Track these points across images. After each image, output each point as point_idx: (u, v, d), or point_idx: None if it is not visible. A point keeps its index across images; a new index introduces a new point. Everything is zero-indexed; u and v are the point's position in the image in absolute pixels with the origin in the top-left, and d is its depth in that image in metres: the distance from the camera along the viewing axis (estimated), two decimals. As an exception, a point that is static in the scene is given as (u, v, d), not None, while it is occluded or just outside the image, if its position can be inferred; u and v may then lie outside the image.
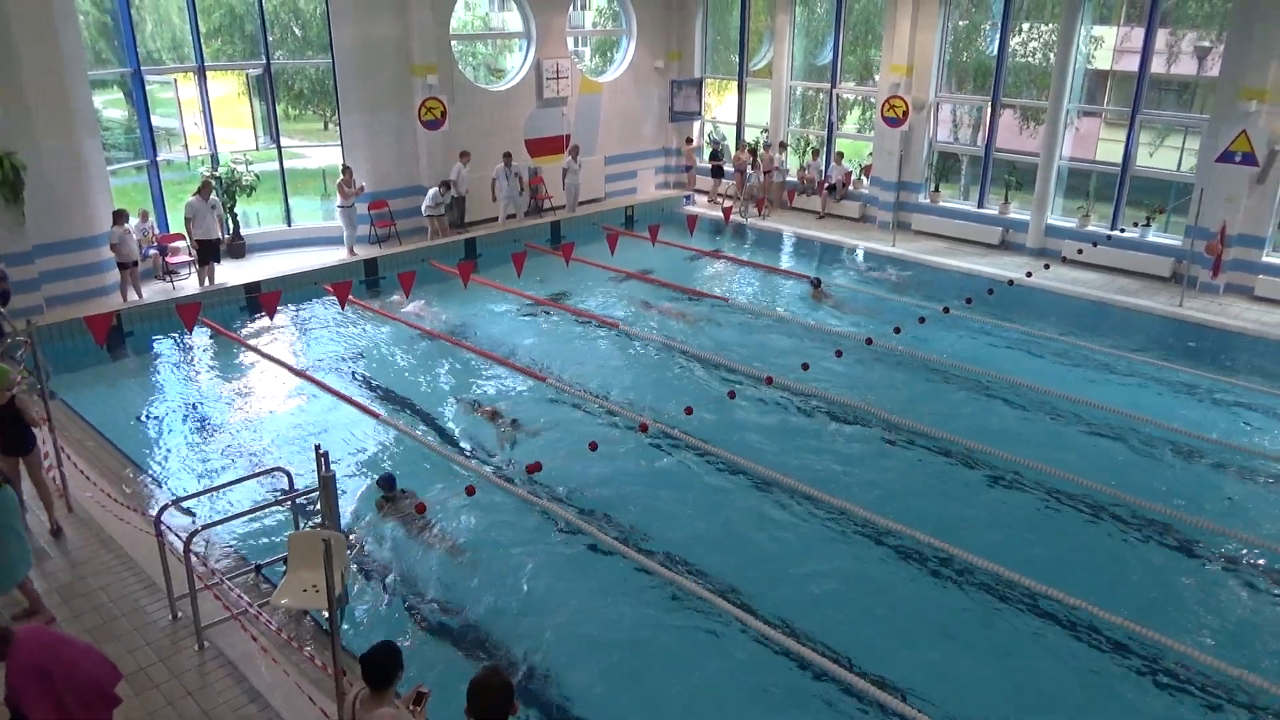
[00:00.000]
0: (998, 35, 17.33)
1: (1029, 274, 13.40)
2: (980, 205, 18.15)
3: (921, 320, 12.55)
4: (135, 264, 13.98)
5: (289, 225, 17.31)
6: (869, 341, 12.01)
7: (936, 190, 18.71)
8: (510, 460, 9.97)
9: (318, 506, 7.16)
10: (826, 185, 19.77)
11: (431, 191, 17.33)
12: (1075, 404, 11.25)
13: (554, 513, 8.93)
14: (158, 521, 7.24)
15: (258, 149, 16.99)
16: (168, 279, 14.93)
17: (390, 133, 17.35)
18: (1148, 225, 15.99)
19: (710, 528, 8.81)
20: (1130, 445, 10.40)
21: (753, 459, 9.91)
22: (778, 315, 14.33)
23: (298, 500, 8.02)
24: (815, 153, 20.41)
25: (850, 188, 19.85)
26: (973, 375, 12.14)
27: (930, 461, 10.05)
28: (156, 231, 15.16)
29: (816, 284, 15.29)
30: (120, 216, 13.73)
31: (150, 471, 9.67)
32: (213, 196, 14.61)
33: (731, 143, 21.84)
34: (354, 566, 8.02)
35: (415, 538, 8.52)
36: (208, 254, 14.58)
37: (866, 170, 19.82)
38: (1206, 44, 15.64)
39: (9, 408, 8.15)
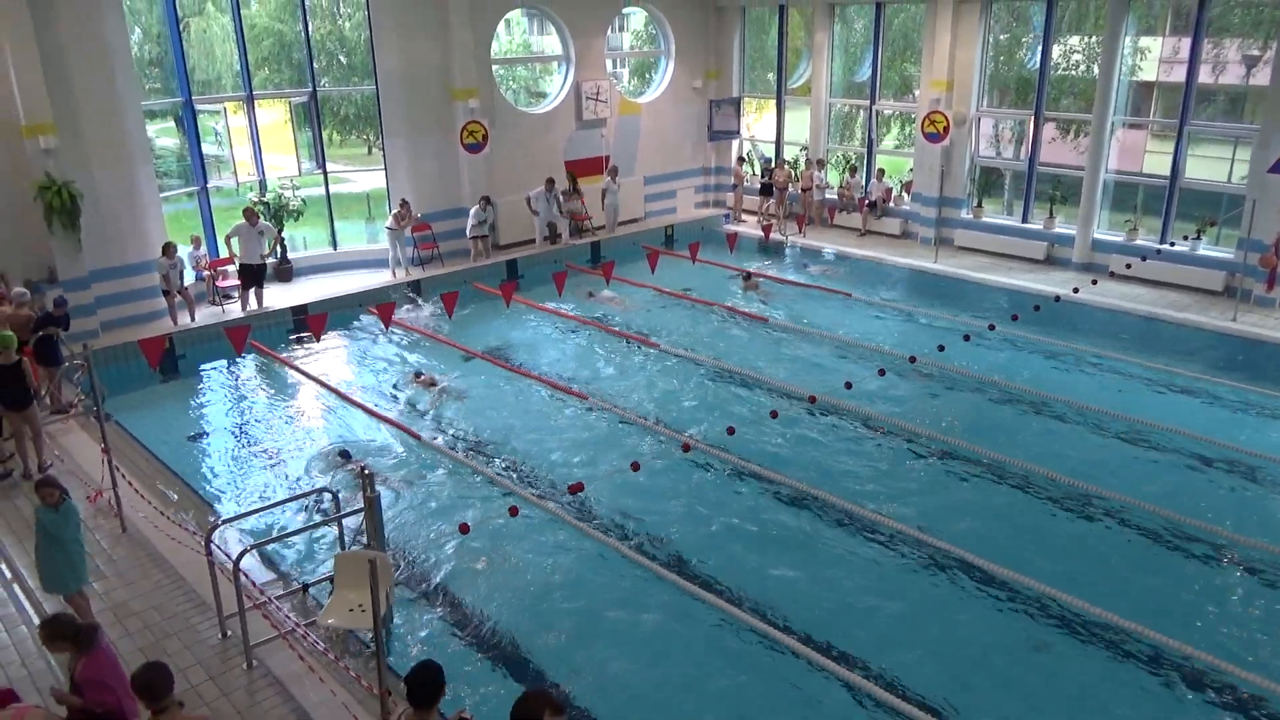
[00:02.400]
0: (1039, 48, 17.15)
1: (1076, 290, 13.17)
2: (1024, 220, 17.91)
3: (966, 338, 12.41)
4: (181, 292, 14.32)
5: (334, 249, 17.61)
6: (912, 360, 11.89)
7: (979, 205, 18.50)
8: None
9: (363, 527, 7.23)
10: (867, 202, 19.66)
11: (473, 210, 17.51)
12: (1128, 422, 11.01)
13: (592, 535, 8.92)
14: (208, 541, 7.37)
15: (300, 174, 17.33)
16: (219, 303, 15.25)
17: (432, 156, 17.61)
18: (1198, 238, 15.65)
19: (755, 550, 8.74)
20: (1183, 464, 10.14)
21: (798, 479, 9.83)
22: (818, 334, 14.24)
23: (344, 521, 8.10)
24: (854, 170, 20.30)
25: (891, 204, 19.71)
26: (1020, 393, 11.95)
27: (979, 482, 9.89)
28: (208, 257, 15.51)
29: (748, 276, 15.85)
30: (169, 249, 14.08)
31: (201, 492, 9.85)
32: (261, 222, 14.90)
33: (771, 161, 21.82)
34: (397, 586, 8.08)
35: (457, 558, 8.56)
36: (249, 278, 14.85)
37: (907, 186, 19.67)
38: (1255, 52, 15.33)
39: (14, 368, 9.67)
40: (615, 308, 15.00)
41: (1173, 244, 15.86)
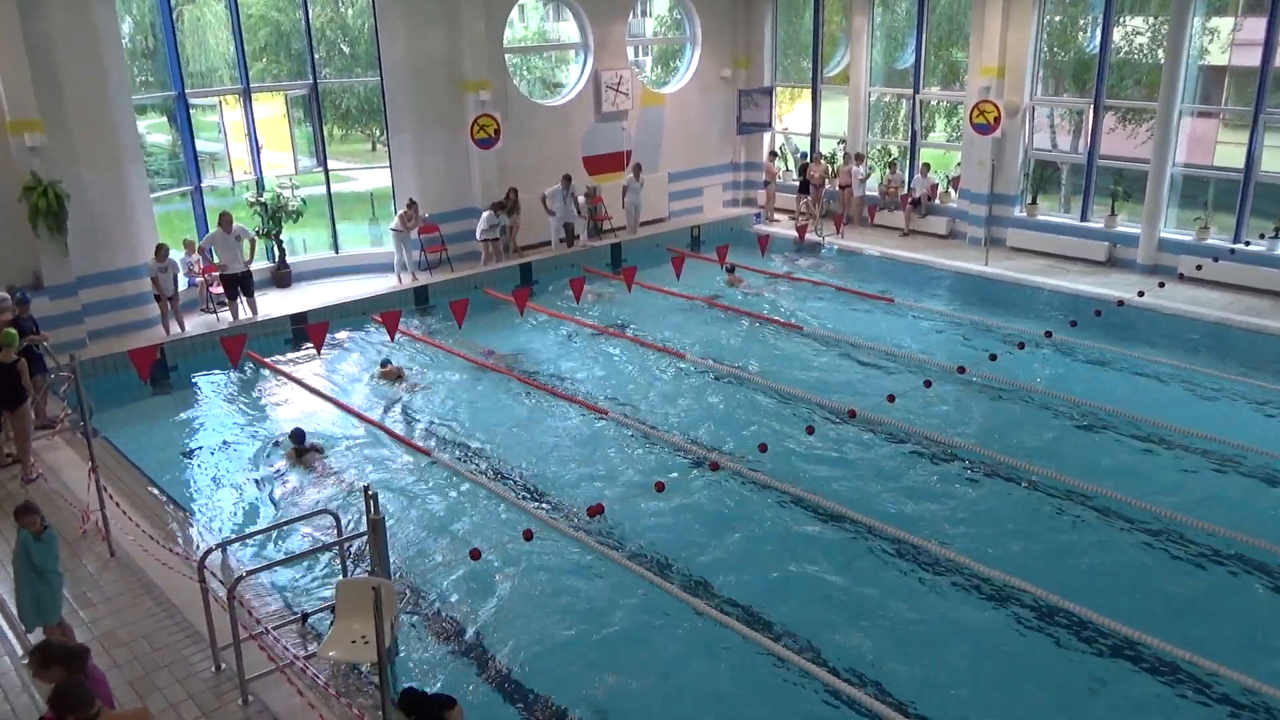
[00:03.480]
0: (1099, 30, 17.04)
1: (1141, 293, 13.04)
2: (1084, 218, 17.76)
3: (1020, 346, 12.31)
4: (173, 298, 14.45)
5: (336, 252, 17.76)
6: (961, 370, 11.82)
7: (1034, 202, 18.38)
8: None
9: (366, 552, 7.26)
10: (910, 200, 19.58)
11: (485, 215, 17.62)
12: (1199, 438, 10.87)
13: (614, 561, 8.91)
14: (201, 566, 7.41)
15: (296, 172, 17.47)
16: (213, 311, 15.39)
17: (441, 152, 17.73)
18: (1275, 237, 15.45)
19: (789, 578, 8.70)
20: (1266, 484, 9.99)
21: (835, 499, 9.78)
22: (858, 343, 14.19)
23: (346, 545, 8.14)
24: (897, 165, 20.24)
25: (937, 201, 19.62)
26: (1078, 407, 11.83)
27: (1034, 503, 9.80)
28: (201, 262, 15.63)
29: (731, 269, 16.43)
30: (161, 251, 14.22)
31: (194, 513, 9.94)
32: (237, 226, 14.94)
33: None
34: (404, 616, 8.11)
35: (468, 585, 8.58)
36: (234, 288, 14.95)
37: (955, 182, 19.58)
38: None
39: (10, 367, 10.07)
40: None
41: (1247, 243, 15.67)
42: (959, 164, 19.51)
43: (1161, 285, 13.84)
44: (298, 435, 11.19)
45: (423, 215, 17.12)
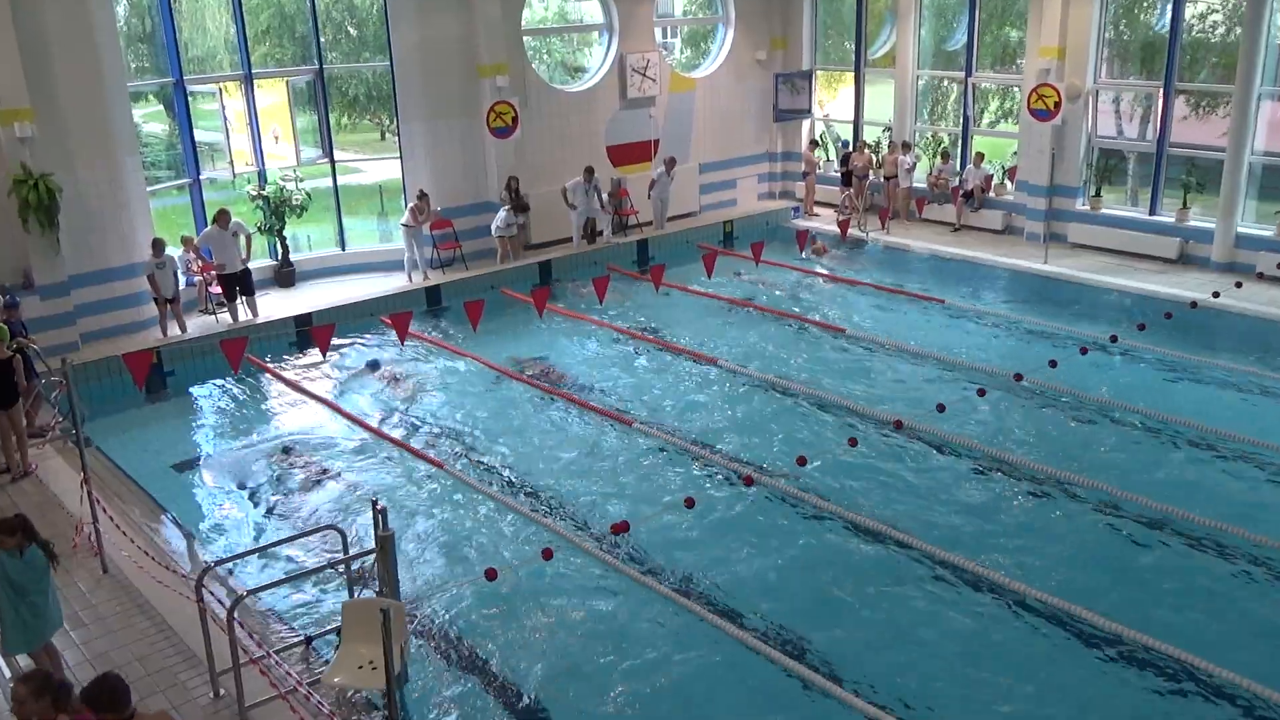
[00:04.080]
0: (1169, 7, 16.88)
1: (1216, 294, 12.89)
2: (1152, 212, 17.60)
3: (1083, 351, 12.20)
4: (173, 300, 14.60)
5: (342, 249, 17.92)
6: (1018, 378, 11.73)
7: (1098, 195, 18.23)
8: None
9: (375, 570, 7.31)
10: (962, 192, 19.48)
11: (502, 214, 17.69)
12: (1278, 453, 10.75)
13: (641, 582, 8.91)
14: (199, 585, 7.49)
15: (299, 164, 17.64)
16: (212, 312, 15.55)
17: (455, 142, 17.85)
18: (1367, 232, 15.24)
19: (829, 603, 8.67)
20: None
21: (880, 518, 9.74)
22: (905, 347, 14.13)
23: (353, 563, 8.19)
24: (948, 154, 20.15)
25: (991, 194, 19.51)
26: (1147, 418, 11.72)
27: (1100, 524, 9.71)
28: (200, 260, 15.79)
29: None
30: (159, 246, 14.37)
31: (192, 528, 10.05)
32: (234, 222, 15.09)
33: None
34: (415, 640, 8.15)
35: (483, 607, 8.61)
36: (232, 288, 15.08)
37: (1011, 173, 19.46)
38: None
39: (6, 364, 10.59)
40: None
41: (1335, 239, 15.46)
42: (1015, 153, 19.38)
43: (1239, 285, 13.67)
44: (287, 450, 11.75)
45: (435, 209, 17.22)
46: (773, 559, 9.27)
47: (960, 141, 20.10)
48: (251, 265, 15.45)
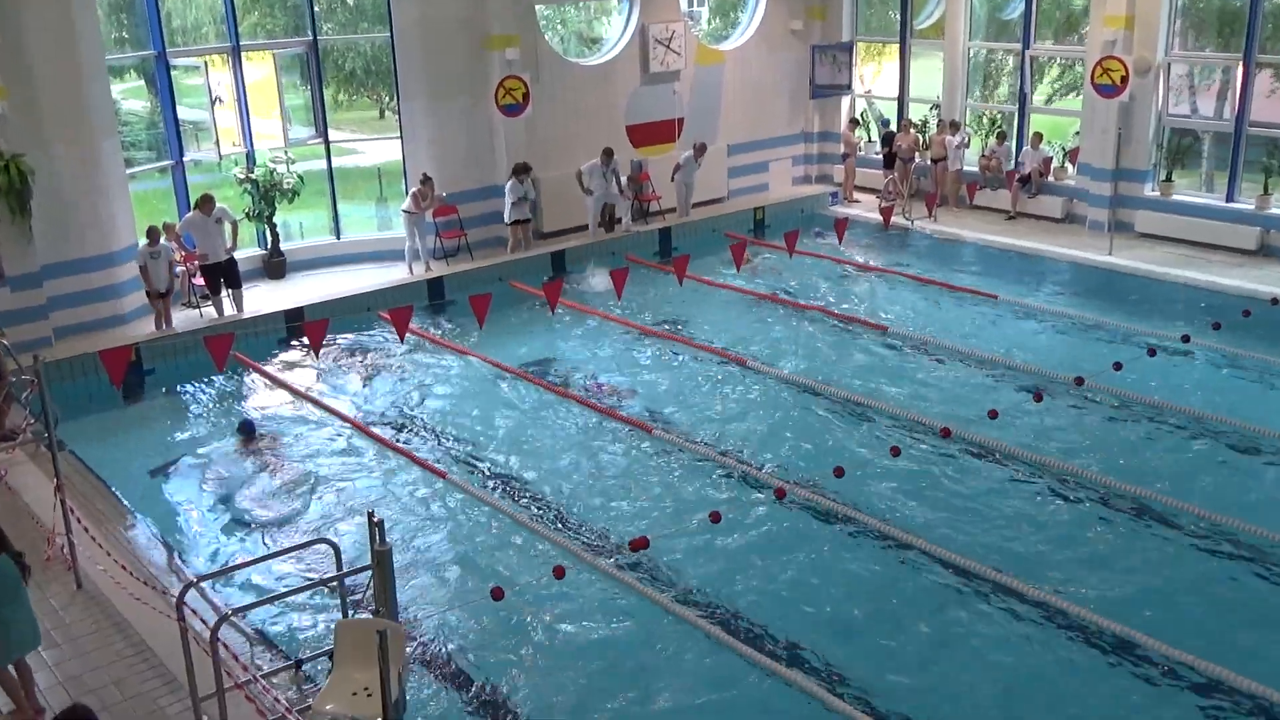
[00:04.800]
0: (1250, -27, 16.76)
1: (1300, 290, 12.82)
2: (1230, 199, 17.47)
3: (1151, 352, 12.14)
4: (166, 293, 14.72)
5: (337, 238, 18.01)
6: (1079, 381, 11.67)
7: (1168, 180, 18.11)
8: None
9: (371, 588, 7.35)
10: (1018, 176, 19.39)
11: (509, 185, 17.59)
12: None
13: (660, 604, 8.93)
14: (180, 603, 7.55)
15: (286, 145, 17.73)
16: (196, 305, 15.67)
17: (460, 121, 17.90)
18: None
19: (869, 628, 8.67)
20: None
21: (925, 535, 9.72)
22: (954, 348, 14.09)
23: (347, 580, 8.24)
24: (1002, 134, 20.06)
25: (1050, 179, 19.41)
26: (1222, 427, 11.64)
27: (1171, 544, 9.66)
28: (182, 250, 15.90)
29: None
30: (154, 234, 14.47)
31: (173, 541, 10.13)
32: (219, 208, 15.12)
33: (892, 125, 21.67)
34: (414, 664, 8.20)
35: (489, 629, 8.65)
36: (217, 279, 15.16)
37: (1072, 155, 19.36)
38: None
39: None
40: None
41: None
42: (1077, 133, 19.28)
43: (1326, 279, 13.59)
44: (248, 427, 12.24)
45: (439, 194, 17.28)
46: (806, 580, 9.26)
47: (1016, 120, 20.00)
48: (238, 255, 15.54)
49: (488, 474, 11.38)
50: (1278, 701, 7.53)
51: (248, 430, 12.26)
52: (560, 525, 10.27)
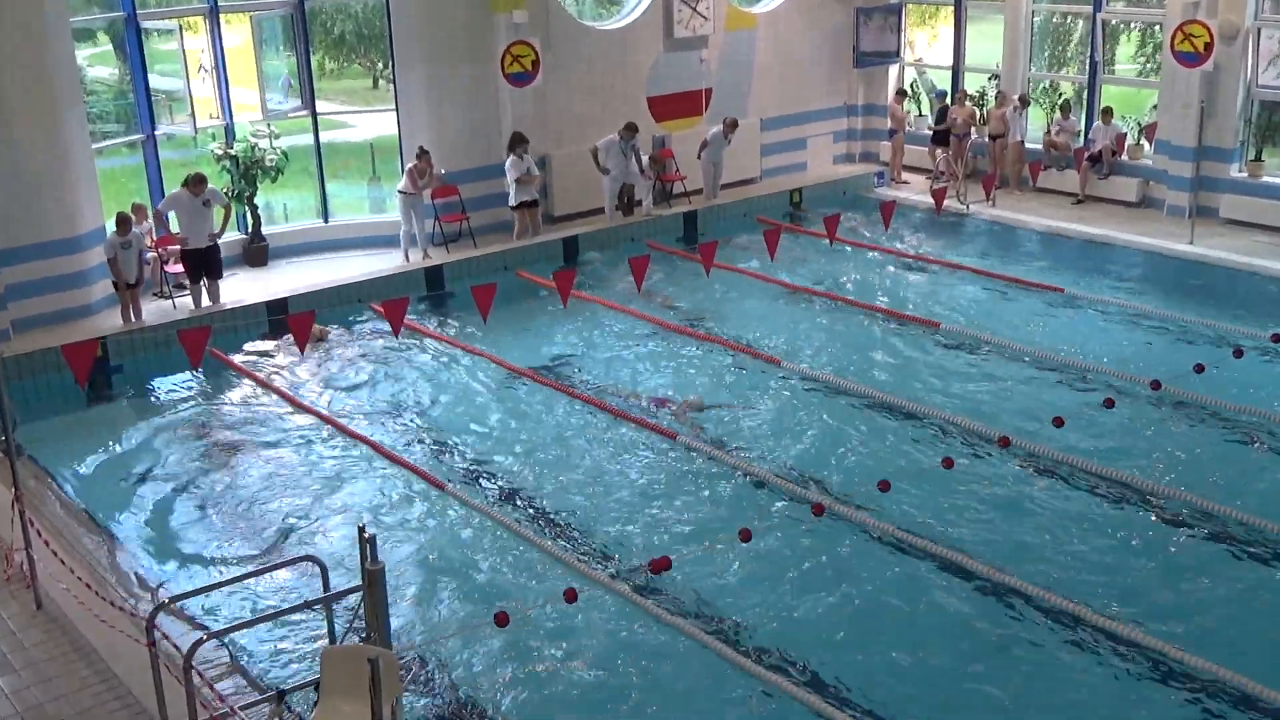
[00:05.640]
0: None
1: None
2: (1327, 181, 17.39)
3: (1238, 353, 12.06)
4: (136, 284, 14.80)
5: (325, 221, 18.08)
6: (1156, 386, 11.61)
7: (1258, 159, 18.02)
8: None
9: (360, 611, 7.38)
10: (1087, 155, 19.31)
11: (509, 162, 17.47)
12: None
13: (685, 631, 8.93)
14: (150, 626, 7.59)
15: (264, 116, 17.75)
16: (169, 295, 15.74)
17: (463, 91, 17.93)
18: None
19: (920, 662, 8.64)
20: None
21: (982, 558, 9.68)
22: (1015, 347, 14.04)
23: (335, 602, 8.27)
24: (1069, 108, 19.97)
25: (1124, 157, 19.32)
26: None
27: (1261, 571, 9.59)
28: (154, 234, 15.97)
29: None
30: (124, 223, 14.50)
31: (142, 558, 10.16)
32: (209, 189, 15.13)
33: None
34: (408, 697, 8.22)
35: (491, 658, 8.66)
36: (197, 267, 15.20)
37: (1149, 132, 19.28)
38: None
39: None
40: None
41: None
42: (1154, 107, 19.19)
43: None
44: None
45: (439, 172, 17.29)
46: (846, 607, 9.24)
47: (1086, 93, 19.91)
48: (221, 241, 15.58)
49: (491, 485, 11.40)
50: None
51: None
52: (571, 543, 10.28)
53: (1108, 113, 19.37)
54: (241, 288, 16.10)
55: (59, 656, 8.66)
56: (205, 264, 15.24)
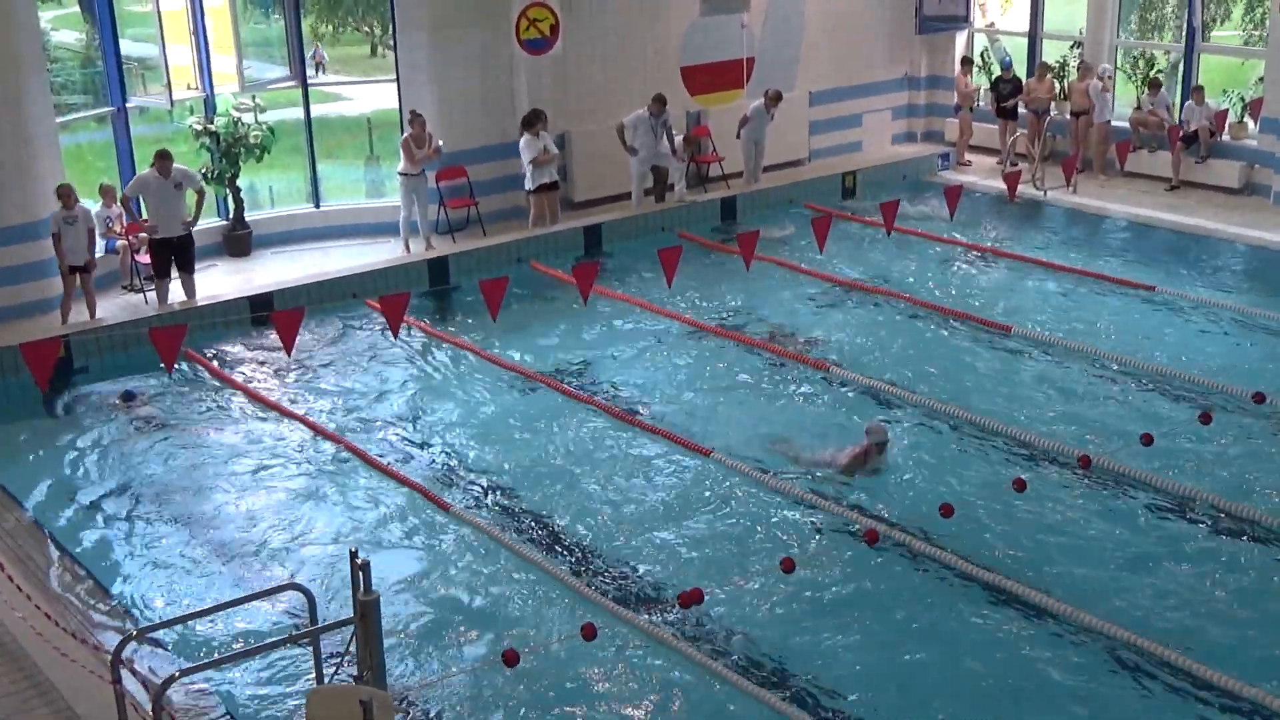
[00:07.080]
0: None
1: None
2: None
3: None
4: (86, 268, 14.84)
5: (316, 206, 18.16)
6: (1259, 399, 11.54)
7: (1379, 140, 17.92)
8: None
9: (352, 646, 7.41)
10: (1182, 135, 19.21)
11: (524, 141, 17.45)
12: None
13: (718, 673, 8.93)
14: (116, 661, 7.64)
15: (242, 89, 17.76)
16: (139, 288, 15.83)
17: (472, 60, 17.98)
18: None
19: (983, 706, 8.61)
20: None
21: (1061, 594, 9.64)
22: (1097, 353, 13.98)
23: (323, 636, 8.30)
24: (1160, 82, 19.86)
25: (1225, 137, 19.21)
26: None
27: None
28: (124, 221, 16.06)
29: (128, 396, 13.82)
30: (67, 195, 14.51)
31: (109, 583, 10.22)
32: (179, 169, 15.14)
33: (1020, 68, 21.53)
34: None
35: (498, 700, 8.68)
36: (167, 258, 15.22)
37: (1253, 109, 19.15)
38: None
39: None
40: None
41: None
42: (1260, 80, 19.06)
43: None
44: (128, 396, 13.42)
45: (438, 143, 17.27)
46: (902, 647, 9.21)
47: (1182, 64, 19.80)
48: (195, 230, 15.64)
49: (500, 505, 11.41)
50: None
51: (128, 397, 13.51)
52: (591, 572, 10.28)
53: (1198, 92, 19.21)
54: (221, 280, 16.18)
55: (15, 694, 8.70)
56: (177, 255, 15.26)
